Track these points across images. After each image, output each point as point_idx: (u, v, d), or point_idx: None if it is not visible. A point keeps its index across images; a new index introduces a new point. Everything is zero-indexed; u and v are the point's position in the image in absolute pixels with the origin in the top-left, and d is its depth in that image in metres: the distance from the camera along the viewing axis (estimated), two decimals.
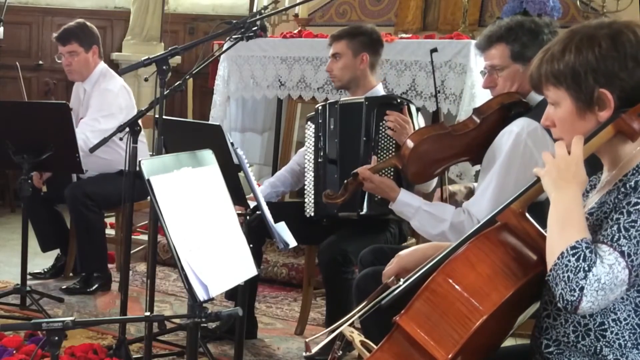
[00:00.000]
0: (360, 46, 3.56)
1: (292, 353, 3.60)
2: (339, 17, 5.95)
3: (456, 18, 5.30)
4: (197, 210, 2.09)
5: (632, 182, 1.71)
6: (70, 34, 4.46)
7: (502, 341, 1.98)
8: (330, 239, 3.36)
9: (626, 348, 1.72)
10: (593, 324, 1.74)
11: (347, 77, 3.59)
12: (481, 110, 2.70)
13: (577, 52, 1.75)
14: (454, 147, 2.72)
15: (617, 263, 1.61)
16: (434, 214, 2.69)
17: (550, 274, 1.65)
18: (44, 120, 3.81)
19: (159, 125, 3.06)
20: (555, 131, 1.83)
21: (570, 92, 1.76)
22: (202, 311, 1.97)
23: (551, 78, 1.79)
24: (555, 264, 1.64)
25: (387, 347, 1.81)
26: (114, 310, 4.04)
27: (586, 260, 1.60)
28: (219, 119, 5.01)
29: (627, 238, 1.63)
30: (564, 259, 1.62)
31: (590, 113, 1.75)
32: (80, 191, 4.23)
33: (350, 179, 2.80)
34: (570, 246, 1.62)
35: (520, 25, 2.68)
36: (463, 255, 1.78)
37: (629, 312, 1.72)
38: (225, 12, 6.95)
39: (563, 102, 1.78)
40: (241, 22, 3.21)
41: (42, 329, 1.81)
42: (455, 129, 2.71)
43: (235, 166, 2.91)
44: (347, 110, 3.41)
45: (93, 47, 4.49)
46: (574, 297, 1.60)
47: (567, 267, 1.61)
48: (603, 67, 1.72)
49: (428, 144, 2.67)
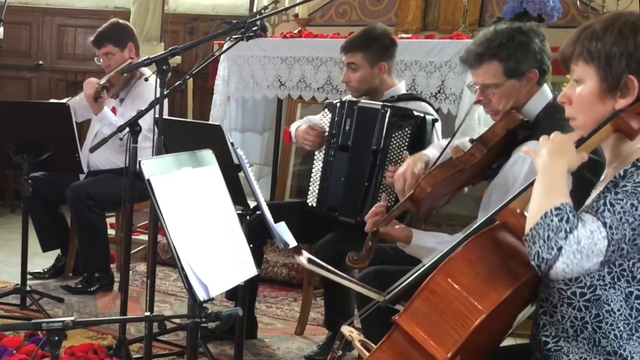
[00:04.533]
0: (377, 56, 3.49)
1: (292, 353, 3.60)
2: (339, 17, 5.95)
3: (456, 18, 5.30)
4: (197, 210, 2.09)
5: (622, 172, 1.73)
6: (103, 36, 4.47)
7: (501, 340, 1.99)
8: (327, 238, 3.36)
9: (622, 339, 1.73)
10: (589, 317, 1.75)
11: (365, 87, 3.54)
12: (487, 138, 2.59)
13: (619, 34, 1.76)
14: (463, 178, 2.66)
15: (598, 231, 1.63)
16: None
17: (529, 234, 1.66)
18: (44, 120, 3.82)
19: (159, 125, 3.06)
20: (570, 109, 1.84)
21: (600, 72, 1.77)
22: (202, 311, 1.97)
23: (585, 53, 1.79)
24: (537, 223, 1.64)
25: (386, 347, 1.82)
26: (114, 310, 4.04)
27: (569, 222, 1.62)
28: (219, 119, 5.01)
29: (611, 212, 1.65)
30: (547, 218, 1.63)
31: (611, 98, 1.77)
32: (82, 192, 4.23)
33: (370, 237, 2.68)
34: (554, 207, 1.64)
35: (511, 39, 2.56)
36: (462, 254, 1.78)
37: (621, 303, 1.73)
38: (225, 12, 6.95)
39: (589, 80, 1.79)
40: (241, 22, 3.21)
41: (42, 329, 1.81)
42: (464, 162, 2.59)
43: (235, 166, 2.91)
44: (364, 115, 3.37)
45: (128, 44, 4.48)
46: (551, 255, 1.61)
47: (549, 226, 1.62)
48: (639, 55, 1.74)
49: (442, 185, 2.60)
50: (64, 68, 7.06)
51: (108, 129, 4.17)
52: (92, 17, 7.04)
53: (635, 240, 1.66)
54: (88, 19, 7.07)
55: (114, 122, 4.17)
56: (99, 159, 4.39)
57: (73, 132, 3.85)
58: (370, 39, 3.53)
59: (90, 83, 4.24)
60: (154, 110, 3.13)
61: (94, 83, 4.24)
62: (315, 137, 3.52)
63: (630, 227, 1.64)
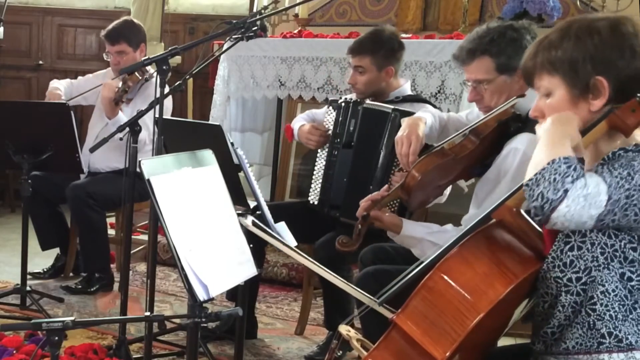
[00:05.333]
0: (385, 60, 3.47)
1: (292, 353, 3.60)
2: (339, 17, 5.95)
3: (456, 18, 5.31)
4: (197, 210, 2.09)
5: (610, 154, 1.75)
6: (120, 34, 4.41)
7: (498, 338, 1.99)
8: (327, 236, 3.36)
9: (617, 320, 1.74)
10: (585, 299, 1.75)
11: (371, 90, 3.52)
12: (479, 130, 2.63)
13: (576, 39, 1.77)
14: (456, 170, 2.68)
15: (602, 184, 1.63)
16: (435, 242, 2.63)
17: (533, 178, 1.64)
18: (44, 120, 3.82)
19: (159, 125, 3.07)
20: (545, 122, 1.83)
21: (566, 80, 1.78)
22: (202, 311, 1.97)
23: (547, 65, 1.80)
24: (544, 168, 1.63)
25: (384, 346, 1.82)
26: (114, 310, 4.04)
27: (576, 171, 1.61)
28: (219, 119, 5.01)
29: (610, 174, 1.66)
30: (555, 164, 1.62)
31: (584, 101, 1.78)
32: (82, 191, 4.23)
33: (361, 221, 2.71)
34: (563, 156, 1.63)
35: (502, 35, 2.60)
36: (459, 253, 1.79)
37: (616, 284, 1.74)
38: (225, 12, 6.95)
39: (557, 90, 1.80)
40: (241, 22, 3.21)
41: (42, 329, 1.82)
42: (456, 152, 2.63)
43: (235, 166, 2.91)
44: (370, 116, 3.34)
45: (141, 45, 4.46)
46: (556, 195, 1.60)
47: (556, 171, 1.61)
48: (601, 55, 1.75)
49: (433, 173, 2.62)
50: (64, 68, 7.05)
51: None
52: (92, 17, 7.05)
53: (627, 210, 1.65)
54: (88, 19, 7.07)
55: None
56: (99, 162, 4.38)
57: (73, 132, 3.85)
58: (379, 42, 3.50)
59: (110, 86, 4.17)
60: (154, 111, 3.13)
61: (113, 86, 4.16)
62: (319, 137, 3.52)
63: (625, 193, 1.64)
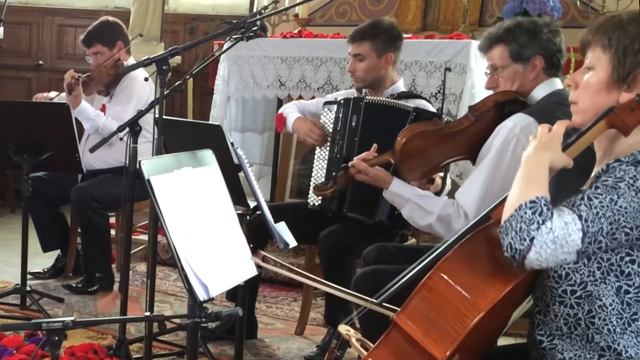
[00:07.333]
0: (384, 46, 3.49)
1: (292, 353, 3.60)
2: (339, 17, 5.95)
3: (456, 18, 5.31)
4: (197, 210, 2.09)
5: (604, 167, 1.74)
6: (92, 37, 4.49)
7: (497, 337, 1.99)
8: (330, 228, 3.35)
9: (616, 333, 1.74)
10: (582, 313, 1.76)
11: (370, 78, 3.53)
12: (476, 107, 2.71)
13: None
14: (449, 144, 2.72)
15: (573, 223, 1.64)
16: (422, 206, 2.70)
17: (503, 225, 1.68)
18: (44, 120, 3.82)
19: (159, 125, 3.07)
20: (574, 93, 1.85)
21: (614, 61, 1.78)
22: (202, 311, 1.98)
23: (605, 39, 1.80)
24: (510, 215, 1.67)
25: (384, 346, 1.82)
26: (114, 310, 4.04)
27: (542, 215, 1.63)
28: (219, 119, 5.01)
29: (587, 206, 1.66)
30: (520, 210, 1.65)
31: (617, 90, 1.78)
32: (87, 194, 4.22)
33: (340, 172, 2.77)
34: (529, 200, 1.66)
35: (519, 26, 2.70)
36: (459, 252, 1.79)
37: (613, 297, 1.74)
38: (225, 12, 6.95)
39: (600, 68, 1.80)
40: (241, 22, 3.21)
41: (42, 329, 1.82)
42: (449, 126, 2.72)
43: (235, 166, 2.92)
44: (373, 111, 3.34)
45: (117, 43, 4.49)
46: (523, 245, 1.63)
47: (522, 218, 1.64)
48: None
49: (420, 139, 2.67)
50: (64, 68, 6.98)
51: (87, 123, 4.28)
52: (92, 17, 6.99)
53: (615, 234, 1.66)
54: (88, 19, 7.03)
55: (93, 117, 4.24)
56: (93, 158, 4.37)
57: (73, 132, 3.85)
58: (379, 28, 3.54)
59: (69, 74, 4.26)
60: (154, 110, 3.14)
61: (71, 74, 4.26)
62: (318, 137, 3.52)
63: (607, 221, 1.65)
